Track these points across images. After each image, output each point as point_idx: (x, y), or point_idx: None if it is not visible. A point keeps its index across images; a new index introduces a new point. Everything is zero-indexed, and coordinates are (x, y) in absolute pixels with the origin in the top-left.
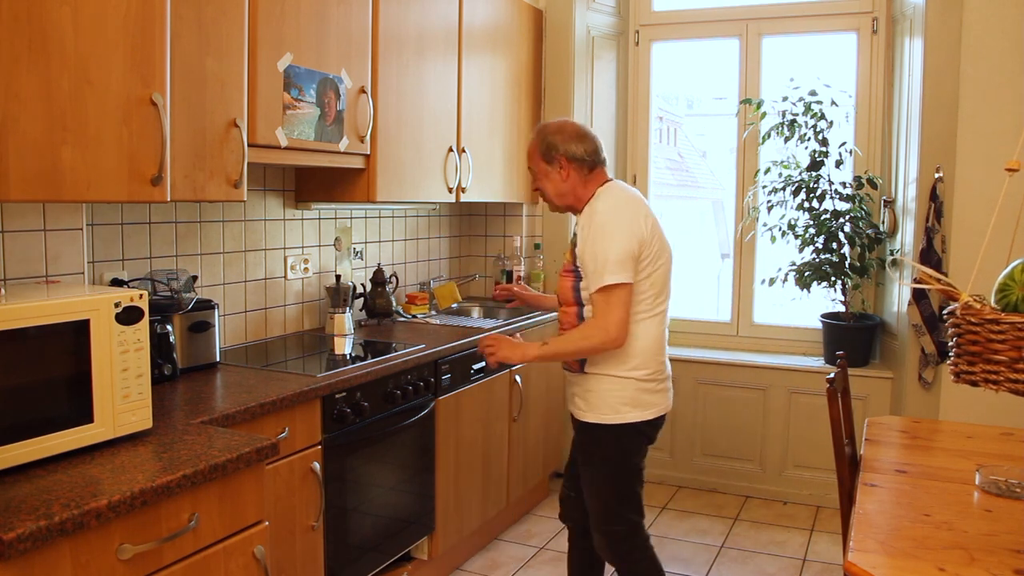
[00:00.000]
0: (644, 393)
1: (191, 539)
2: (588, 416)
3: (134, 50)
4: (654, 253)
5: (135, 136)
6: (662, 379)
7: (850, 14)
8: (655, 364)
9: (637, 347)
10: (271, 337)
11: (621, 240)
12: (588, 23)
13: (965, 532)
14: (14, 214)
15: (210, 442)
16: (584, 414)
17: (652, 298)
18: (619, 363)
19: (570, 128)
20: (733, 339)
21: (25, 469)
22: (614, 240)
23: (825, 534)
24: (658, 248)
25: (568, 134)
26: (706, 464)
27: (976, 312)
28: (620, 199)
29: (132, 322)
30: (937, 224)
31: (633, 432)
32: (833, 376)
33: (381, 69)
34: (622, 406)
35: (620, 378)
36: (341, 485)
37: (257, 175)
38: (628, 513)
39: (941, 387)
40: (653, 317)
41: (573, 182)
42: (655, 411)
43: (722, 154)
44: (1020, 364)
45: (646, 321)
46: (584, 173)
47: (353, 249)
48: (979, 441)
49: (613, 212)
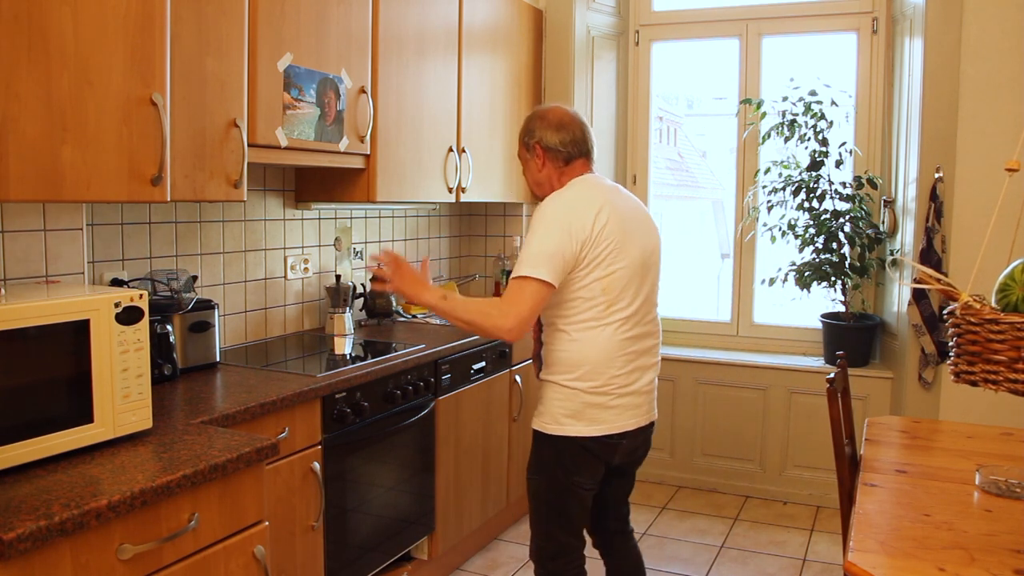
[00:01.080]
0: (591, 408)
1: (191, 539)
2: (535, 422)
3: (134, 50)
4: (604, 256)
5: (135, 136)
6: (620, 394)
7: (850, 14)
8: (606, 376)
9: (582, 355)
10: (271, 337)
11: (552, 236)
12: (588, 23)
13: (965, 532)
14: (14, 214)
15: (210, 442)
16: (534, 420)
17: (604, 305)
18: (563, 371)
19: (553, 115)
20: (733, 339)
21: (25, 469)
22: (544, 234)
23: (825, 534)
24: (613, 251)
25: (548, 121)
26: (706, 464)
27: (976, 312)
28: (575, 194)
29: (132, 322)
30: (937, 224)
31: (576, 448)
32: (833, 376)
33: (381, 69)
34: (564, 417)
35: (563, 387)
36: (341, 485)
37: (257, 175)
38: (558, 533)
39: (941, 387)
40: (606, 326)
41: (548, 172)
42: (603, 428)
43: (722, 154)
44: (1019, 364)
45: (596, 330)
46: (559, 164)
47: (353, 249)
48: (979, 441)
49: (557, 206)
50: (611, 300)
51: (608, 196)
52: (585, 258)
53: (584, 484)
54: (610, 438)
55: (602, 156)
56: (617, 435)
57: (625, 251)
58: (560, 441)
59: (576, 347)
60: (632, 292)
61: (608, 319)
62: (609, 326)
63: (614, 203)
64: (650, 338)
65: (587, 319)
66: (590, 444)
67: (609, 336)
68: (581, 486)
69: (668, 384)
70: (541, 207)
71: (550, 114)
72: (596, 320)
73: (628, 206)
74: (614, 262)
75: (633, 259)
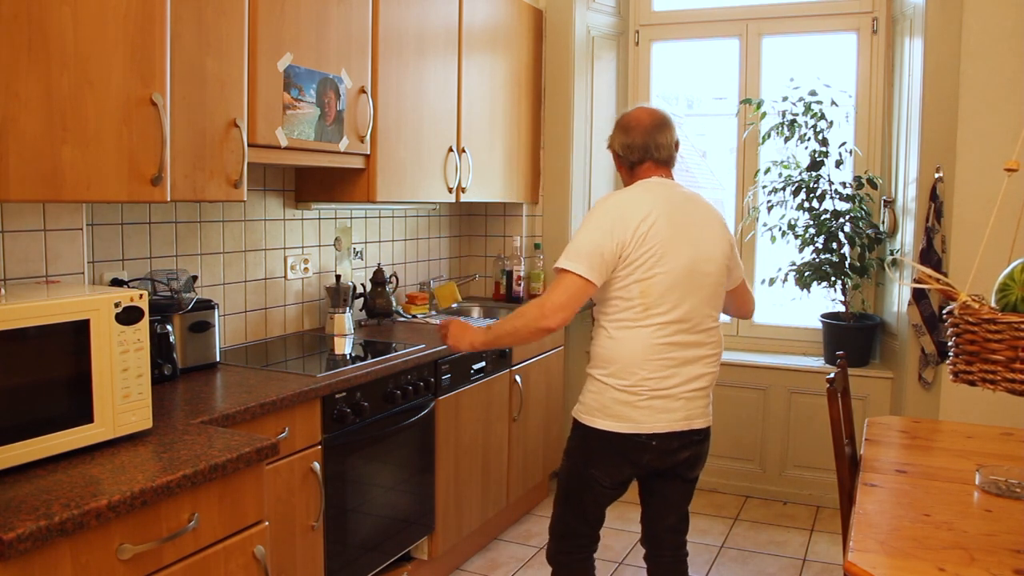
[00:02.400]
0: (620, 404)
1: (191, 539)
2: (574, 408)
3: (134, 50)
4: (645, 260)
5: (135, 136)
6: (651, 395)
7: (850, 14)
8: (638, 377)
9: (615, 353)
10: (271, 337)
11: (593, 234)
12: (588, 23)
13: (965, 532)
14: (14, 214)
15: (210, 442)
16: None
17: (643, 308)
18: (598, 365)
19: (625, 119)
20: (733, 339)
21: (25, 469)
22: (586, 231)
23: (825, 534)
24: (655, 256)
25: (619, 125)
26: (706, 464)
27: (974, 312)
28: (628, 196)
29: (132, 322)
30: (937, 224)
31: (601, 441)
32: (833, 376)
33: (381, 69)
34: (595, 409)
35: (597, 380)
36: (341, 485)
37: (257, 175)
38: (569, 516)
39: (941, 387)
40: (644, 328)
41: (624, 174)
42: (629, 426)
43: (722, 154)
44: (1017, 364)
45: (633, 330)
46: (627, 166)
47: (353, 249)
48: (979, 441)
49: (607, 205)
50: (649, 303)
51: (665, 201)
52: (627, 258)
53: (601, 479)
54: (637, 437)
55: (602, 156)
56: (645, 435)
57: (671, 257)
58: (587, 431)
59: (612, 344)
60: (676, 298)
61: (645, 322)
62: (647, 328)
63: (671, 209)
64: (700, 348)
65: (624, 319)
66: (615, 439)
67: (645, 338)
68: (598, 480)
69: None
70: (595, 204)
71: (625, 117)
72: (633, 321)
73: (690, 213)
74: (654, 266)
75: (680, 266)
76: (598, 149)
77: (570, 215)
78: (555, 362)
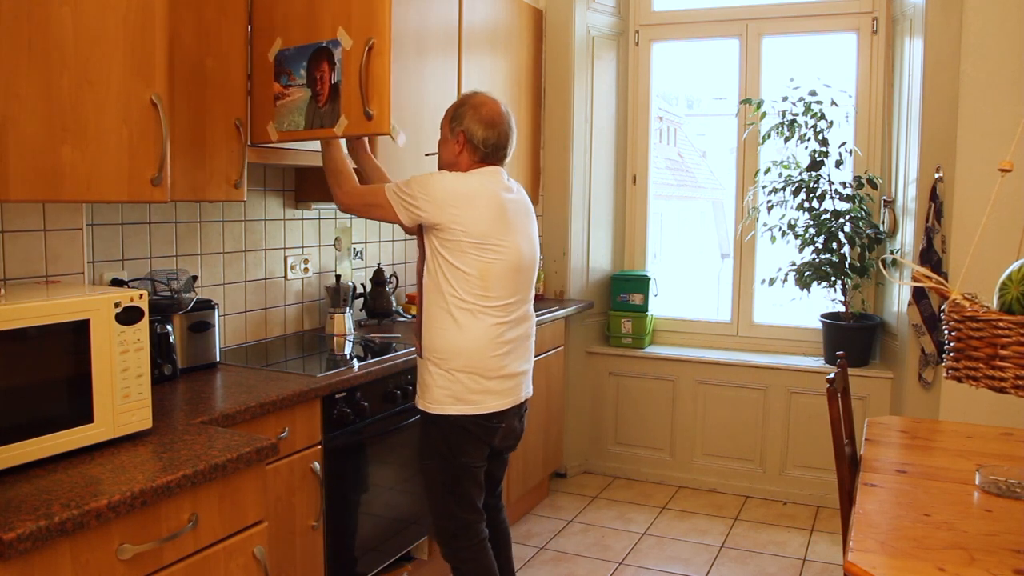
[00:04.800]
0: (467, 391)
1: (191, 539)
2: (419, 403)
3: (134, 50)
4: (480, 241)
5: (135, 136)
6: (492, 376)
7: (850, 14)
8: (479, 360)
9: (457, 339)
10: (271, 337)
11: (425, 182)
12: (588, 23)
13: (965, 532)
14: (14, 214)
15: (210, 442)
16: (417, 400)
17: (479, 288)
18: (441, 355)
19: (487, 110)
20: (733, 339)
21: (25, 469)
22: (423, 177)
23: (825, 534)
24: (492, 240)
25: (480, 115)
26: (706, 464)
27: (960, 309)
28: (473, 179)
29: (132, 322)
30: (937, 224)
31: (458, 428)
32: (833, 376)
33: None
34: (445, 398)
35: (442, 370)
36: (341, 485)
37: (257, 175)
38: (456, 511)
39: (941, 387)
40: (482, 313)
41: (463, 161)
42: (477, 408)
43: (722, 154)
44: (996, 361)
45: (473, 314)
46: (475, 158)
47: (353, 249)
48: (979, 441)
49: (450, 175)
50: (486, 286)
51: (504, 190)
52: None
53: (473, 463)
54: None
55: (602, 156)
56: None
57: (504, 246)
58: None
59: (448, 327)
60: (514, 290)
61: (483, 304)
62: (485, 315)
63: (504, 200)
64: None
65: (458, 294)
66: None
67: (484, 323)
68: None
69: (668, 384)
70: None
71: (484, 107)
72: (469, 302)
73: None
74: (490, 250)
75: (510, 258)
76: (598, 149)
77: (570, 215)
78: (555, 362)
